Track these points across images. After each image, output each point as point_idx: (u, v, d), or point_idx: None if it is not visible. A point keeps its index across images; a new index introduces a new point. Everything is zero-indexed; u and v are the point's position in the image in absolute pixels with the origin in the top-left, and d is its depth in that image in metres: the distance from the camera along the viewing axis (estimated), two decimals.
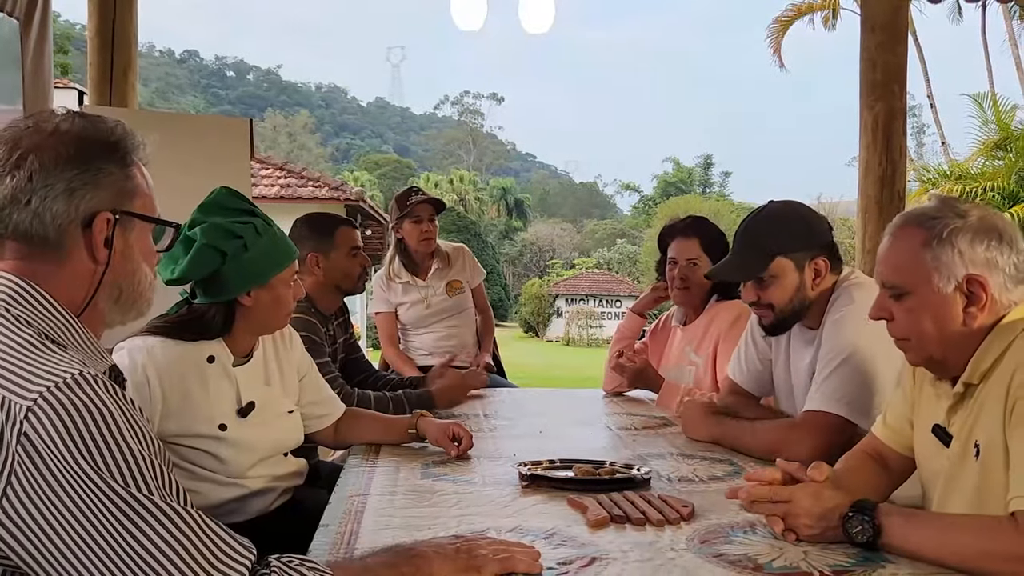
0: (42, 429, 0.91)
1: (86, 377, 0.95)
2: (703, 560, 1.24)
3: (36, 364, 0.96)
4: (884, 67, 4.11)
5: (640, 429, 2.36)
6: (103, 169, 1.09)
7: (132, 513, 0.91)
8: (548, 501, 1.56)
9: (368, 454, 1.99)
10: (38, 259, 1.08)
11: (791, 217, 2.06)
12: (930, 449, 1.46)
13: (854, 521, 1.27)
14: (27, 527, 0.90)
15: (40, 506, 0.90)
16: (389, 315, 3.71)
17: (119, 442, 0.93)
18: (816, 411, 1.87)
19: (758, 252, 1.98)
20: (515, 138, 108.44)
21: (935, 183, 10.97)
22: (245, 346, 1.89)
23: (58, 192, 1.06)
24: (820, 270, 1.99)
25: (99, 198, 1.09)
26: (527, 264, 41.01)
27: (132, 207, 1.13)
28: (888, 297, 1.43)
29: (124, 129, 1.15)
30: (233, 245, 1.75)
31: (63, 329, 1.07)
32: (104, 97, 4.10)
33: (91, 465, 0.91)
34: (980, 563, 1.17)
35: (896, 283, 1.41)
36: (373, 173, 49.16)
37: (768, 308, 2.01)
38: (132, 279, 1.15)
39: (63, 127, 1.09)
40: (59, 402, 0.92)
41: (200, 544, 0.93)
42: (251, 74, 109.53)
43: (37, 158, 1.05)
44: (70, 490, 0.90)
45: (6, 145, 1.07)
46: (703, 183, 51.17)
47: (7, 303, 1.04)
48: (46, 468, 0.90)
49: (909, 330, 1.42)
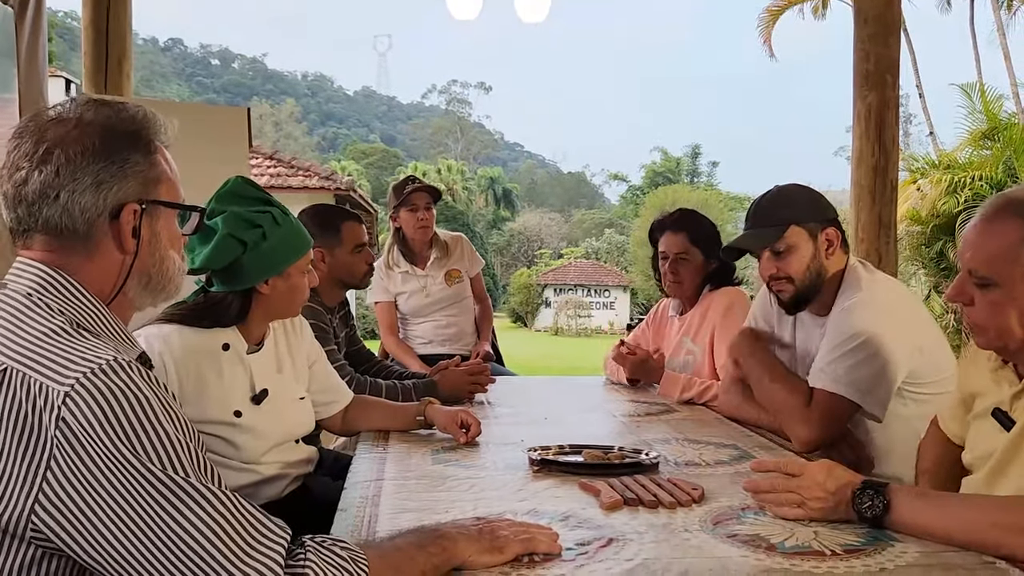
0: (80, 414, 0.92)
1: (121, 363, 0.97)
2: (717, 540, 1.27)
3: (70, 351, 0.98)
4: (877, 58, 4.15)
5: (643, 416, 2.39)
6: (128, 160, 1.10)
7: (171, 495, 0.93)
8: (560, 485, 1.59)
9: (378, 440, 2.02)
10: (67, 251, 1.09)
11: (801, 192, 2.14)
12: (987, 431, 1.46)
13: (864, 497, 1.30)
14: (68, 510, 0.92)
15: (80, 489, 0.92)
16: (389, 304, 3.73)
17: (156, 426, 0.95)
18: (829, 392, 1.91)
19: (773, 223, 2.05)
20: (503, 127, 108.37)
21: (924, 173, 11.06)
22: (258, 334, 1.91)
23: (86, 186, 1.07)
24: (832, 240, 2.05)
25: (126, 189, 1.10)
26: (515, 254, 41.04)
27: (158, 195, 1.15)
28: (971, 283, 1.38)
29: (146, 114, 1.15)
30: (253, 235, 1.76)
31: (93, 317, 1.08)
32: (99, 87, 4.08)
33: (129, 449, 0.93)
34: (989, 535, 1.18)
35: (985, 274, 1.35)
36: (360, 163, 48.93)
37: (787, 281, 2.05)
38: (160, 266, 1.17)
39: (87, 117, 1.10)
40: (96, 388, 0.94)
41: (237, 525, 0.95)
42: (236, 62, 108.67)
43: (63, 152, 1.06)
44: (109, 474, 0.92)
45: (32, 138, 1.08)
46: (691, 173, 51.24)
47: (38, 292, 1.06)
48: (84, 452, 0.92)
49: (989, 320, 1.37)
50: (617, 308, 30.70)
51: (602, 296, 30.96)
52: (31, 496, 0.92)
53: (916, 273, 11.12)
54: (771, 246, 2.04)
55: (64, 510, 0.92)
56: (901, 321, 1.98)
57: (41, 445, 0.92)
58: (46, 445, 0.92)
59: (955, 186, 10.38)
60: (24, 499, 0.92)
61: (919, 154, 13.58)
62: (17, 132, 1.10)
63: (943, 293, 10.35)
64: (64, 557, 0.96)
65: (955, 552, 1.21)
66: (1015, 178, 9.89)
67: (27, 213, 1.08)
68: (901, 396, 1.95)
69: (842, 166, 25.33)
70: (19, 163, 1.07)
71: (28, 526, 0.93)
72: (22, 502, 0.92)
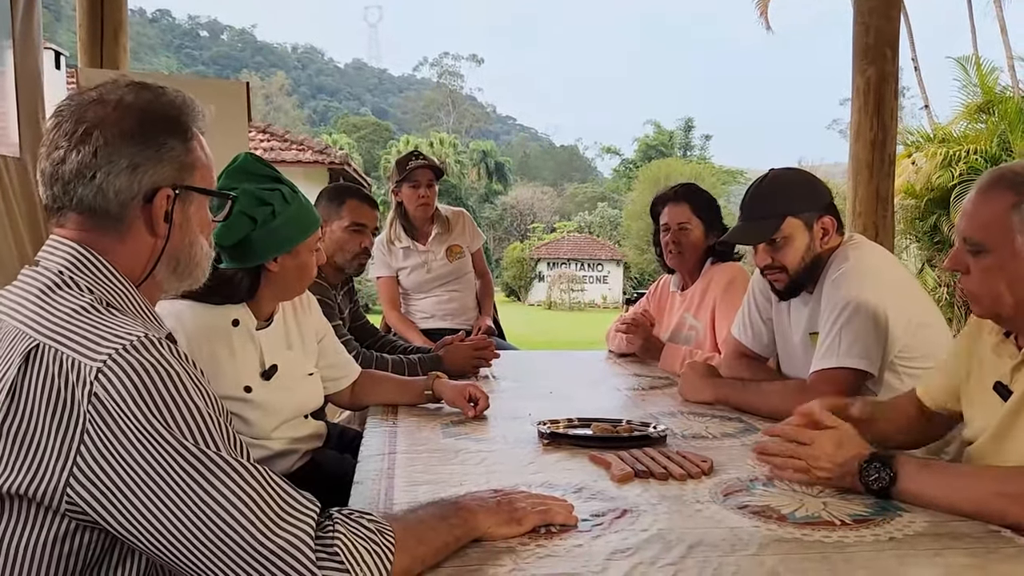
0: (112, 389, 0.94)
1: (151, 340, 0.98)
2: (729, 511, 1.30)
3: (102, 327, 0.99)
4: (877, 32, 4.15)
5: (647, 389, 2.42)
6: (165, 144, 1.11)
7: (204, 469, 0.95)
8: (571, 458, 1.62)
9: (387, 415, 2.04)
10: (99, 231, 1.10)
11: (796, 180, 2.12)
12: (987, 404, 1.49)
13: (871, 469, 1.33)
14: (102, 483, 0.94)
15: (114, 463, 0.93)
16: (391, 279, 3.74)
17: (187, 401, 0.97)
18: (826, 369, 1.92)
19: (769, 215, 2.04)
20: (495, 100, 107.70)
21: (918, 146, 11.07)
22: (267, 311, 1.92)
23: (121, 168, 1.08)
24: (827, 229, 2.05)
25: (161, 174, 1.11)
26: (508, 228, 40.93)
27: (192, 181, 1.16)
28: (966, 251, 1.43)
29: (184, 100, 1.16)
30: (263, 212, 1.77)
31: (122, 297, 1.09)
32: (95, 60, 4.05)
33: (162, 424, 0.94)
34: (994, 505, 1.21)
35: (977, 240, 1.40)
36: (352, 136, 48.54)
37: (781, 271, 2.06)
38: (190, 251, 1.18)
39: (127, 100, 1.11)
40: (128, 363, 0.95)
41: (268, 497, 0.97)
42: (225, 34, 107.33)
43: (102, 133, 1.07)
44: (142, 448, 0.93)
45: (72, 118, 1.09)
46: (684, 146, 51.04)
47: (69, 269, 1.07)
48: (117, 427, 0.93)
49: (982, 286, 1.42)
50: (610, 282, 30.72)
51: (595, 270, 30.96)
52: (65, 470, 0.94)
53: (909, 247, 11.16)
54: (767, 239, 2.05)
55: (98, 483, 0.94)
56: (890, 283, 1.99)
57: (74, 420, 0.93)
58: (79, 420, 0.93)
59: (950, 160, 10.40)
60: (59, 473, 0.94)
61: (913, 127, 13.58)
62: (57, 111, 1.11)
63: (936, 267, 10.44)
64: (97, 530, 0.98)
65: (962, 521, 1.24)
66: (1009, 152, 9.91)
67: (63, 191, 1.09)
68: (895, 371, 1.96)
69: (835, 139, 25.14)
70: (58, 142, 1.08)
71: (63, 499, 0.94)
72: (57, 475, 0.94)
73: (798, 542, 1.17)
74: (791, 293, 2.12)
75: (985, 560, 1.11)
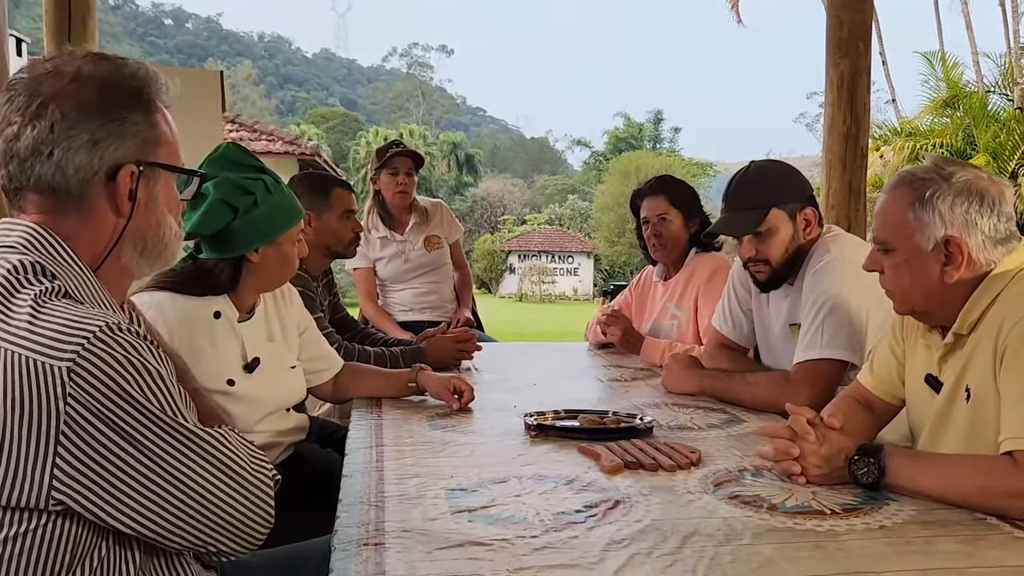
0: (88, 386, 0.91)
1: (111, 327, 0.95)
2: (720, 501, 1.31)
3: (60, 321, 0.94)
4: (851, 25, 4.18)
5: (630, 380, 2.42)
6: (127, 119, 1.05)
7: (184, 440, 0.98)
8: (559, 450, 1.61)
9: (371, 408, 2.02)
10: (60, 212, 1.04)
11: (778, 171, 2.14)
12: (922, 397, 1.56)
13: (860, 463, 1.35)
14: (86, 477, 0.92)
15: (95, 456, 0.93)
16: (368, 271, 3.71)
17: (156, 382, 0.97)
18: (809, 360, 1.94)
19: (754, 205, 2.05)
20: (465, 92, 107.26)
21: (886, 140, 11.23)
22: (249, 302, 1.89)
23: (81, 143, 1.02)
24: (810, 220, 2.07)
25: (123, 149, 1.05)
26: (478, 220, 40.80)
27: (157, 157, 1.09)
28: (878, 251, 1.54)
29: (147, 72, 1.09)
30: (245, 201, 1.74)
31: (79, 282, 1.03)
32: (62, 47, 3.95)
33: (136, 409, 0.94)
34: (979, 499, 1.25)
35: (884, 239, 1.52)
36: (320, 127, 48.05)
37: (764, 264, 2.07)
38: (157, 231, 1.12)
39: (85, 71, 1.04)
40: (98, 356, 0.92)
41: (239, 454, 1.05)
42: (190, 22, 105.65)
43: (58, 107, 1.01)
44: (121, 435, 0.93)
45: (26, 92, 1.02)
46: (653, 139, 51.25)
47: (25, 248, 1.01)
48: (97, 420, 0.92)
49: (893, 283, 1.53)
50: (581, 274, 30.80)
51: (566, 262, 31.01)
52: (47, 472, 0.91)
53: None
54: (753, 231, 2.06)
55: (82, 478, 0.92)
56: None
57: (51, 423, 0.90)
58: (56, 422, 0.90)
59: (917, 153, 10.56)
60: (40, 476, 0.91)
61: (879, 121, 13.77)
62: (10, 84, 1.04)
63: None
64: (85, 521, 0.96)
65: (950, 509, 1.26)
66: (974, 146, 10.09)
67: (19, 170, 1.02)
68: None
69: (801, 132, 25.21)
70: (11, 117, 1.02)
71: (49, 501, 0.92)
72: (39, 480, 0.91)
73: (791, 531, 1.18)
74: (772, 285, 2.14)
75: (974, 547, 1.13)
